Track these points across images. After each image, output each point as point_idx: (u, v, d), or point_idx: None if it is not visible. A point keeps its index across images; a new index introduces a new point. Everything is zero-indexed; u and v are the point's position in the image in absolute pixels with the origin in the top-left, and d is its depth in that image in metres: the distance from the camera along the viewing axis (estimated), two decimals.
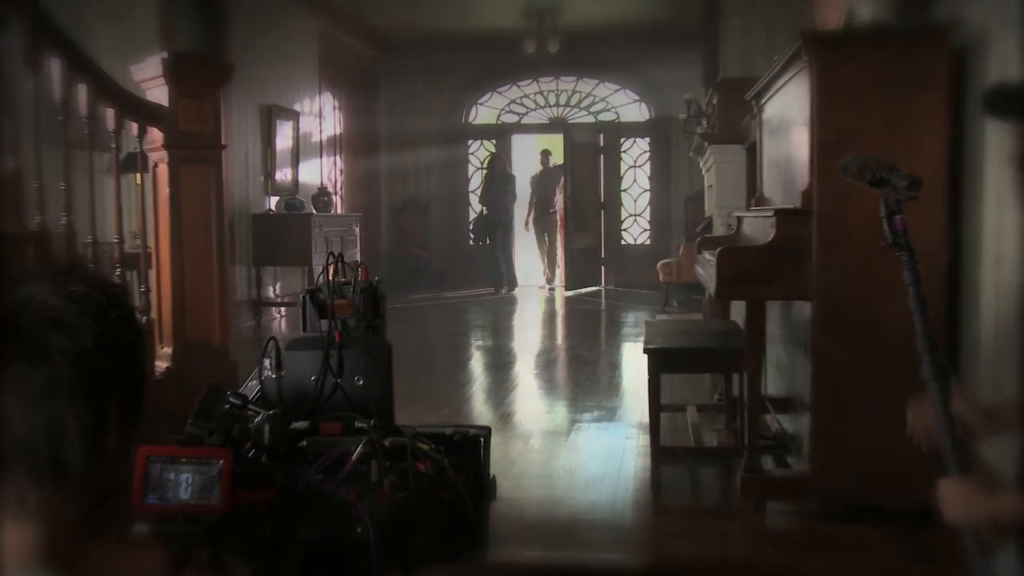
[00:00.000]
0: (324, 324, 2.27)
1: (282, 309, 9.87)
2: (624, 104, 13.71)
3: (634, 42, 12.57)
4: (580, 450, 4.64)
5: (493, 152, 13.32)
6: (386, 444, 2.04)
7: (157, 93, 4.47)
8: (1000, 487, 1.64)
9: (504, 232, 12.55)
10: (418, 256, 13.59)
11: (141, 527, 1.57)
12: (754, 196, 4.77)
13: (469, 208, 13.74)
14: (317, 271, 9.41)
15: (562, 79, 13.80)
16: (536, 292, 12.85)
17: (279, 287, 10.19)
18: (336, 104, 12.39)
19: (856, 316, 3.32)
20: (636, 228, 13.73)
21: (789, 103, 3.81)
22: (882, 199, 1.88)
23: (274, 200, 10.01)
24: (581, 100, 13.83)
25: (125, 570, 1.11)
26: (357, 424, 2.15)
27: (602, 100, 13.77)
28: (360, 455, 1.99)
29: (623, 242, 13.68)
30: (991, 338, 3.26)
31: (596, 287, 12.84)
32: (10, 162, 4.97)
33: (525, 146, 14.87)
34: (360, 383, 2.26)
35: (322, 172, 11.59)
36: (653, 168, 13.56)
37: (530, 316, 10.99)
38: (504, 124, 14.01)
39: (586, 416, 5.33)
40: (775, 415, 4.26)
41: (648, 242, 13.59)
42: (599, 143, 13.35)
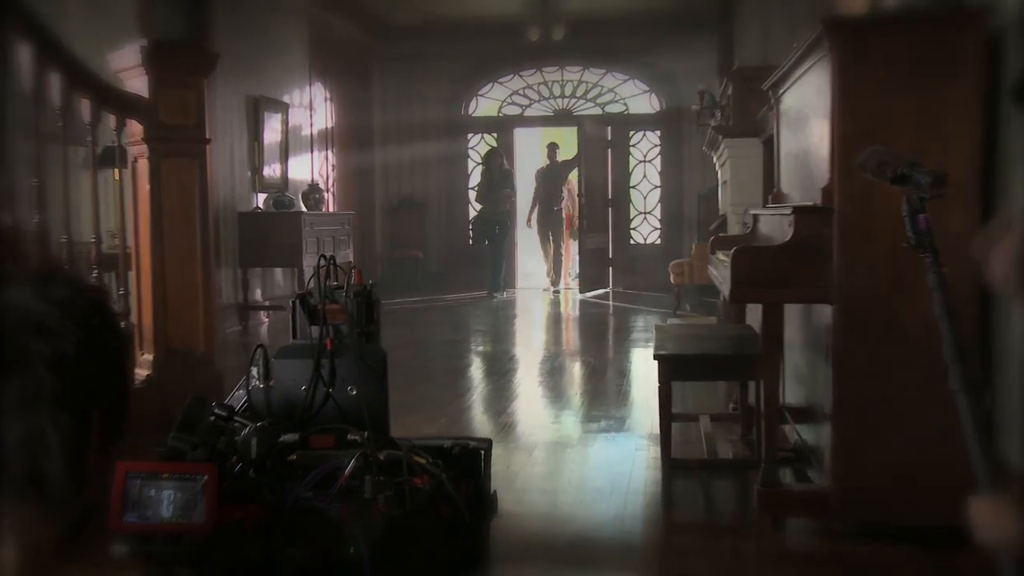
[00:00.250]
0: (315, 331, 2.27)
1: (270, 314, 9.87)
2: (633, 95, 13.71)
3: (644, 29, 12.57)
4: (586, 462, 4.63)
5: (491, 147, 13.31)
6: (381, 458, 2.04)
7: (136, 83, 4.46)
8: None
9: (500, 233, 12.54)
10: (415, 257, 13.59)
11: (120, 547, 1.57)
12: (771, 193, 4.76)
13: (469, 206, 13.74)
14: (308, 273, 9.40)
15: (567, 69, 13.80)
16: (540, 295, 12.84)
17: (267, 290, 10.19)
18: (327, 95, 12.40)
19: (880, 321, 3.31)
20: (646, 227, 13.72)
21: (809, 93, 3.81)
22: (904, 197, 1.87)
23: (262, 197, 10.01)
24: (588, 91, 13.82)
25: None
26: (350, 437, 2.15)
27: (610, 91, 13.77)
28: (353, 470, 1.99)
29: (632, 242, 13.68)
30: None
31: (604, 289, 12.83)
32: None
33: (528, 140, 14.87)
34: (353, 393, 2.26)
35: (313, 167, 11.59)
36: (664, 163, 13.56)
37: (534, 320, 10.98)
38: (506, 116, 14.01)
39: (593, 426, 5.32)
40: (794, 425, 4.25)
41: (658, 242, 13.58)
42: (607, 136, 13.35)
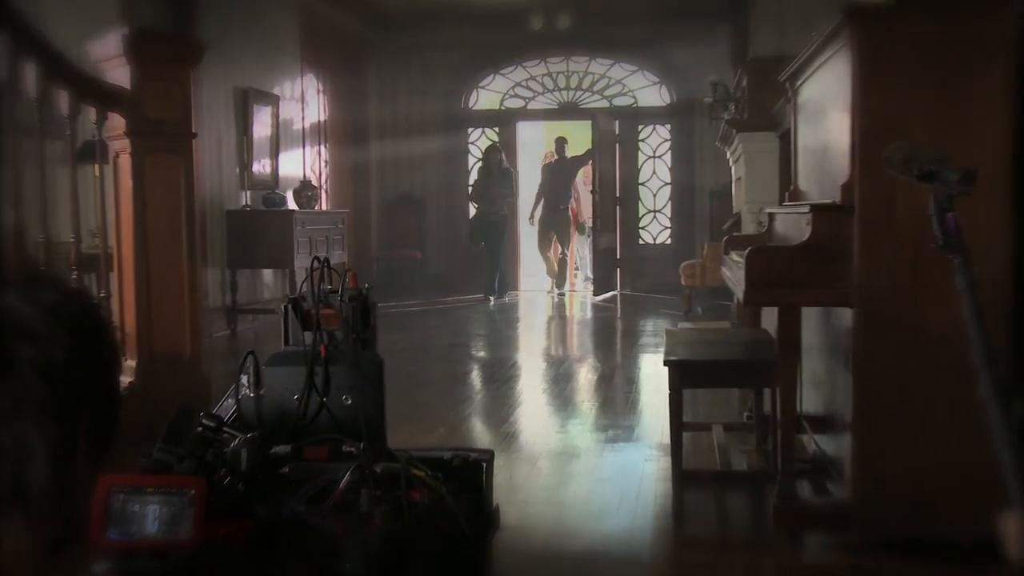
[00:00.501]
0: (308, 337, 2.27)
1: (260, 317, 9.87)
2: (642, 87, 13.71)
3: (653, 17, 12.56)
4: (593, 474, 4.63)
5: (491, 143, 13.30)
6: (377, 470, 2.04)
7: (118, 74, 4.46)
8: None
9: (497, 233, 12.51)
10: (412, 257, 13.59)
11: (101, 565, 1.56)
12: (788, 190, 4.76)
13: (469, 204, 13.74)
14: (299, 274, 9.32)
15: (573, 59, 13.80)
16: (543, 298, 12.84)
17: (256, 293, 10.19)
18: (320, 87, 12.40)
19: (904, 324, 3.31)
20: (655, 226, 13.72)
21: (828, 85, 3.80)
22: (932, 195, 1.87)
23: (251, 195, 10.01)
24: (594, 83, 13.82)
25: None
26: (345, 448, 2.15)
27: (618, 82, 13.76)
28: (348, 483, 1.98)
29: (641, 241, 13.68)
30: None
31: (612, 292, 12.82)
32: None
33: (532, 134, 14.87)
34: (348, 402, 2.26)
35: (305, 164, 11.60)
36: (674, 158, 13.56)
37: (537, 324, 10.98)
38: (508, 110, 14.01)
39: (600, 436, 5.31)
40: (812, 435, 4.24)
41: (669, 241, 13.58)
42: (615, 130, 13.35)
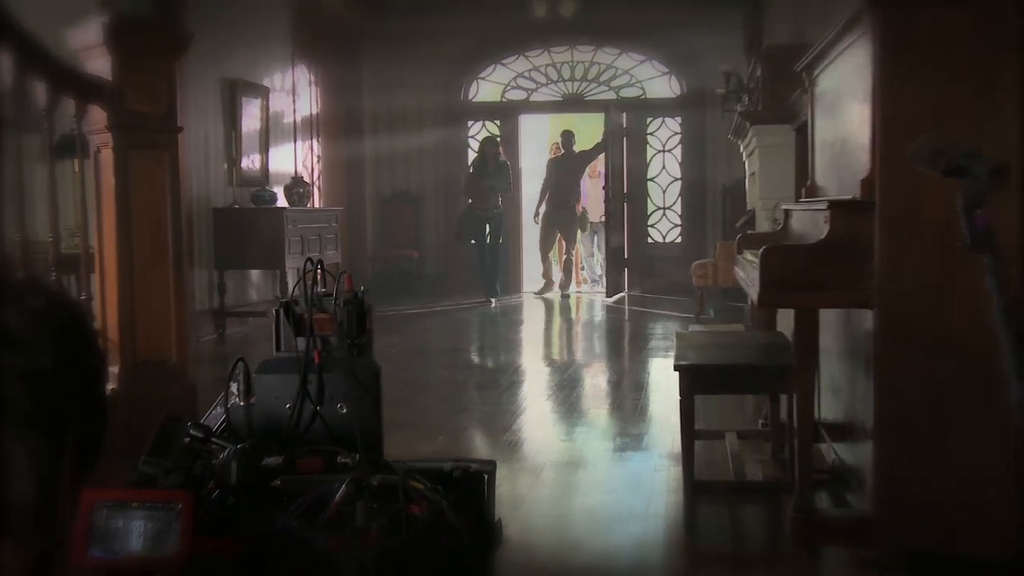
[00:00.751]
0: (301, 342, 2.27)
1: (250, 320, 9.87)
2: (651, 77, 13.71)
3: (663, 3, 12.57)
4: (600, 485, 4.63)
5: (488, 135, 13.26)
6: (374, 483, 2.03)
7: (99, 64, 4.46)
8: None
9: (493, 231, 12.47)
10: (409, 257, 13.59)
11: None
12: (804, 186, 4.75)
13: (466, 200, 13.72)
14: (290, 275, 9.32)
15: (578, 48, 13.79)
16: (547, 299, 12.84)
17: (246, 295, 10.19)
18: (312, 78, 12.41)
19: (928, 328, 3.30)
20: (665, 224, 13.72)
21: (848, 74, 3.80)
22: (960, 191, 1.86)
23: (240, 192, 10.01)
24: (600, 73, 13.81)
25: None
26: (340, 459, 2.15)
27: (625, 73, 13.76)
28: (344, 496, 1.98)
29: (650, 240, 13.68)
30: None
31: (620, 293, 12.82)
32: None
33: (535, 127, 14.87)
34: (343, 411, 2.25)
35: (296, 159, 11.60)
36: (685, 153, 13.55)
37: (541, 327, 10.98)
38: (510, 102, 14.01)
39: (607, 445, 5.31)
40: (831, 444, 4.24)
41: (679, 240, 13.58)
42: (623, 123, 13.33)
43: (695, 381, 4.04)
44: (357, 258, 12.91)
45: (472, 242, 12.54)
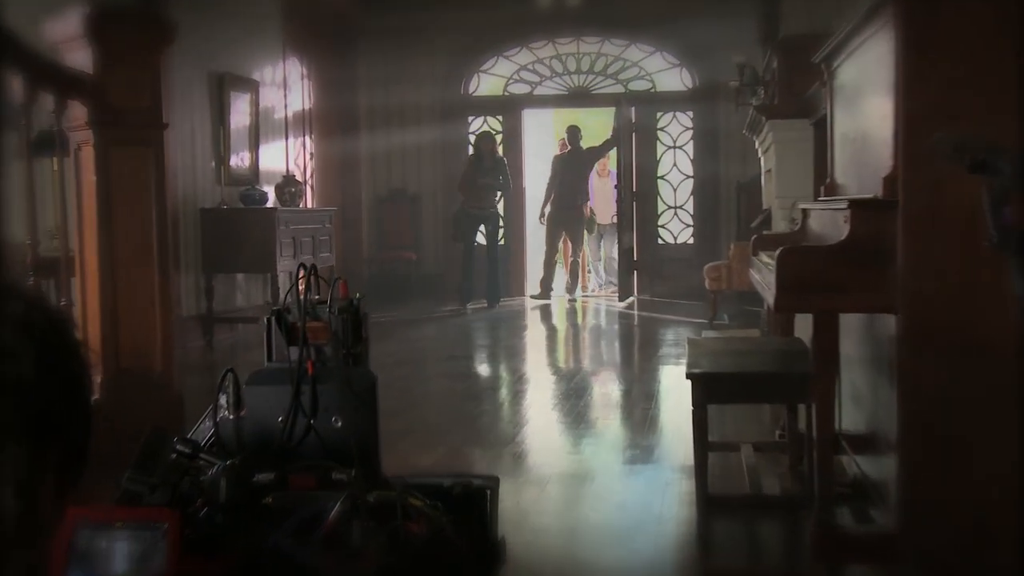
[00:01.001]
0: (294, 352, 2.26)
1: (239, 327, 9.87)
2: (661, 70, 13.71)
3: None
4: (609, 499, 4.63)
5: (484, 131, 13.22)
6: (371, 500, 2.03)
7: (79, 57, 4.46)
8: None
9: (490, 232, 12.42)
10: (407, 259, 13.59)
11: None
12: (823, 183, 4.75)
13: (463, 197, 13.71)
14: (282, 279, 9.29)
15: (584, 40, 13.80)
16: (554, 303, 12.84)
17: (235, 300, 10.19)
18: (305, 72, 12.42)
19: (955, 332, 3.30)
20: (676, 224, 13.72)
21: (869, 66, 3.80)
22: (985, 188, 1.86)
23: (228, 192, 10.02)
24: (608, 65, 13.81)
25: None
26: (335, 475, 2.14)
27: (634, 65, 13.76)
28: (339, 514, 1.98)
29: (660, 241, 13.67)
30: None
31: (629, 297, 12.81)
32: None
33: (539, 122, 14.86)
34: (338, 425, 2.25)
35: (288, 157, 11.62)
36: (697, 149, 13.55)
37: (546, 333, 10.98)
38: (513, 96, 14.02)
39: (616, 457, 5.31)
40: (852, 456, 4.23)
41: (691, 241, 13.58)
42: (631, 118, 13.32)
43: (708, 390, 4.03)
44: (352, 261, 12.92)
45: (468, 243, 12.42)
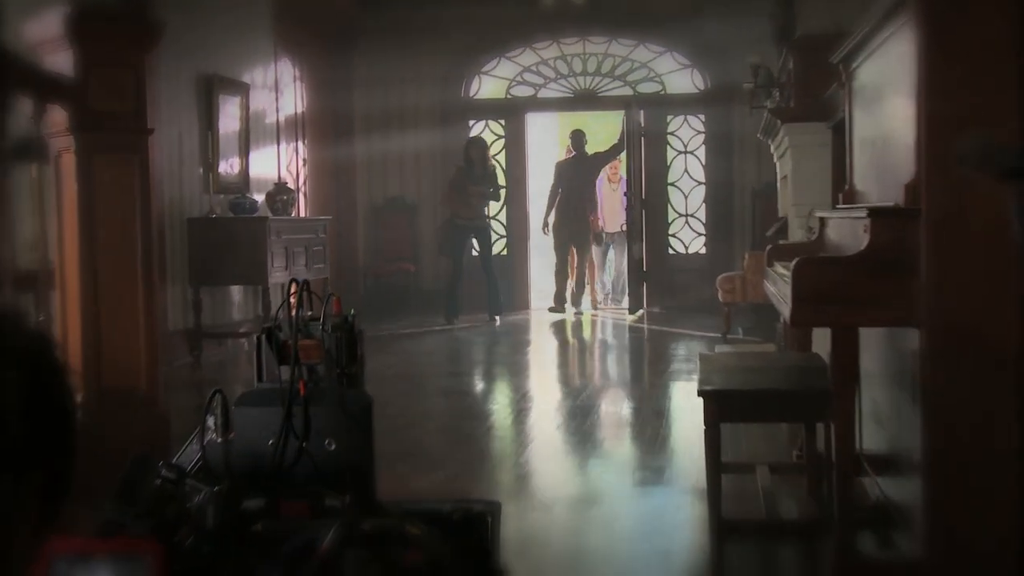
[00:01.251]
0: (285, 372, 2.26)
1: (228, 343, 9.86)
2: (671, 71, 13.72)
3: None
4: (617, 524, 4.63)
5: (473, 136, 13.15)
6: (366, 528, 2.03)
7: (59, 60, 4.47)
8: None
9: (482, 243, 12.36)
10: (405, 271, 13.58)
11: None
12: (842, 190, 4.76)
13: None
14: (274, 292, 9.27)
15: (590, 40, 13.81)
16: (554, 317, 12.84)
17: (224, 314, 10.19)
18: (297, 74, 12.43)
19: (980, 347, 3.29)
20: (688, 233, 13.72)
21: (890, 66, 3.80)
22: (1014, 194, 1.86)
23: (217, 200, 10.02)
24: (615, 67, 13.82)
25: None
26: (328, 501, 2.14)
27: (643, 66, 13.78)
28: (332, 543, 1.97)
29: (671, 251, 13.67)
30: None
31: (639, 310, 12.81)
32: None
33: (544, 126, 14.86)
34: (332, 448, 2.25)
35: (280, 163, 11.63)
36: (709, 154, 13.55)
37: (551, 349, 10.97)
38: (515, 99, 14.03)
39: (625, 479, 5.30)
40: (874, 478, 4.22)
41: (703, 251, 13.58)
42: (640, 122, 13.32)
43: (722, 408, 4.02)
44: (348, 272, 12.92)
45: (457, 257, 12.19)
